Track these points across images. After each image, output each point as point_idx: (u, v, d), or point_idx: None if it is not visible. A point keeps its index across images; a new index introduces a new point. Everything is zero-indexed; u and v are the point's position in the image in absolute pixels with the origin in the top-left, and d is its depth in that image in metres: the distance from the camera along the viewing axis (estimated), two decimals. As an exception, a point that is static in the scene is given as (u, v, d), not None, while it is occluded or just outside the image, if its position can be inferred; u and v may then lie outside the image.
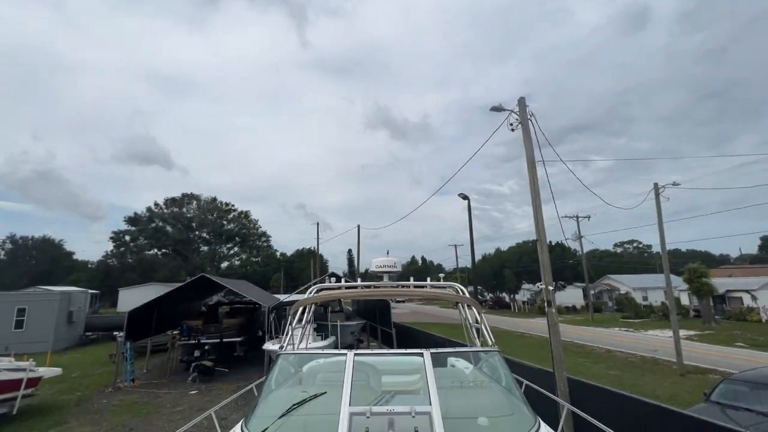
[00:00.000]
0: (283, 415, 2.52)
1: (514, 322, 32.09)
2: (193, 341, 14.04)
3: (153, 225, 53.17)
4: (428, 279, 5.39)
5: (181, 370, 13.92)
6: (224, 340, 14.46)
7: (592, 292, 41.29)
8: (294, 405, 2.61)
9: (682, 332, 22.50)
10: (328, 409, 2.50)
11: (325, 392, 2.71)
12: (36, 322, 19.12)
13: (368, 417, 2.29)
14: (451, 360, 4.26)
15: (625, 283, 45.71)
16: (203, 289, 18.03)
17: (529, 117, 8.51)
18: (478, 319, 4.30)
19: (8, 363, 9.31)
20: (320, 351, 5.55)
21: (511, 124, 8.69)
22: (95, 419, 9.33)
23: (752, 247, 75.40)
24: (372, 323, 20.05)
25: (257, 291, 19.94)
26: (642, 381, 12.37)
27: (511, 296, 50.87)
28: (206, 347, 13.84)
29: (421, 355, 2.90)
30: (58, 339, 19.30)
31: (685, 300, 35.89)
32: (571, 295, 46.10)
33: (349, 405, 2.38)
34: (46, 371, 10.05)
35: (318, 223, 40.41)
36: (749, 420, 6.39)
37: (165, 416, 9.43)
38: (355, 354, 2.96)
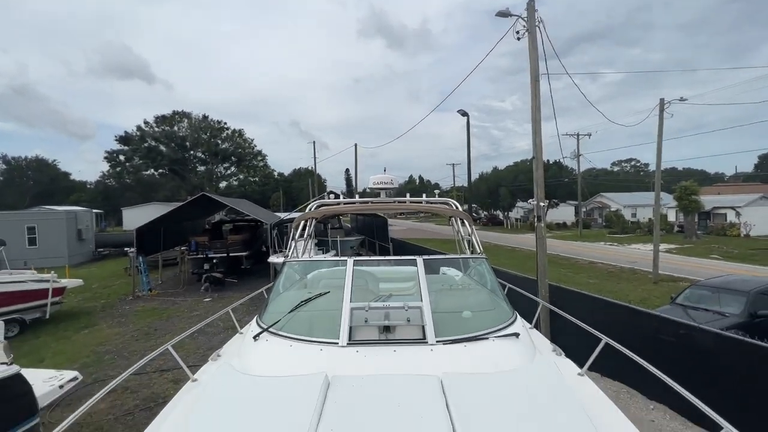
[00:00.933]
0: (292, 310, 2.89)
1: (506, 238, 33.60)
2: (202, 256, 14.87)
3: (146, 144, 52.02)
4: (424, 195, 5.61)
5: (194, 281, 14.98)
6: (231, 254, 15.30)
7: (583, 209, 42.45)
8: (302, 302, 2.98)
9: (663, 246, 23.76)
10: (331, 305, 2.86)
11: (329, 292, 3.06)
12: (48, 239, 19.92)
13: (367, 311, 2.65)
14: (443, 269, 4.66)
15: (617, 201, 46.80)
16: (205, 208, 18.47)
17: (537, 23, 7.93)
18: (470, 231, 4.59)
19: (32, 275, 10.00)
20: (323, 259, 5.99)
21: (518, 32, 8.14)
22: (122, 322, 10.36)
23: (750, 166, 75.40)
24: (370, 239, 21.03)
25: (258, 209, 20.46)
26: (618, 288, 13.51)
27: (505, 214, 52.35)
28: (214, 261, 14.72)
29: (415, 262, 3.20)
30: (72, 255, 20.30)
31: (672, 217, 37.17)
32: (564, 213, 47.47)
33: (350, 302, 2.73)
34: (68, 282, 10.82)
35: (314, 142, 39.91)
36: (705, 318, 7.22)
37: (184, 319, 10.45)
38: (355, 261, 3.26)
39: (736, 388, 4.64)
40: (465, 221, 4.76)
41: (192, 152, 55.36)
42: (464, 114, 19.72)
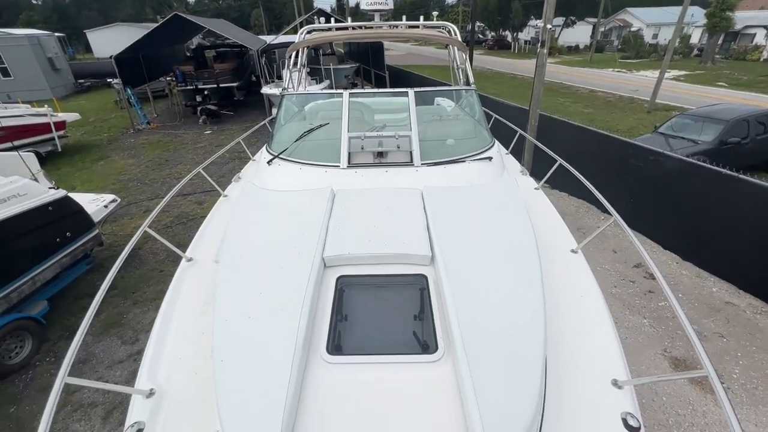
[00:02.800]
0: (297, 140, 3.27)
1: (511, 64, 31.44)
2: (191, 87, 14.38)
3: (84, -58, 42.28)
4: (421, 18, 5.24)
5: (189, 114, 14.94)
6: (221, 85, 14.76)
7: (602, 29, 38.15)
8: (305, 132, 3.32)
9: (674, 72, 22.67)
10: (331, 135, 3.21)
11: (329, 123, 3.37)
12: (21, 70, 18.66)
13: (363, 139, 3.03)
14: (438, 100, 4.82)
15: (641, 18, 41.56)
16: (180, 31, 16.65)
17: None
18: (465, 59, 4.57)
19: (27, 109, 9.97)
20: (320, 92, 6.03)
21: None
22: (132, 154, 10.94)
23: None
24: (365, 66, 19.79)
25: (240, 32, 18.46)
26: (610, 117, 13.71)
27: (515, 35, 47.19)
28: (206, 92, 14.34)
29: (407, 94, 3.39)
30: (53, 87, 19.38)
31: (696, 38, 33.87)
32: (578, 34, 42.82)
33: (348, 132, 3.08)
34: (66, 116, 10.83)
35: (293, -62, 32.33)
36: (679, 145, 7.74)
37: (190, 151, 11.02)
38: (350, 93, 3.44)
39: (687, 203, 5.51)
40: (461, 49, 4.67)
41: (145, -46, 45.49)
42: None
